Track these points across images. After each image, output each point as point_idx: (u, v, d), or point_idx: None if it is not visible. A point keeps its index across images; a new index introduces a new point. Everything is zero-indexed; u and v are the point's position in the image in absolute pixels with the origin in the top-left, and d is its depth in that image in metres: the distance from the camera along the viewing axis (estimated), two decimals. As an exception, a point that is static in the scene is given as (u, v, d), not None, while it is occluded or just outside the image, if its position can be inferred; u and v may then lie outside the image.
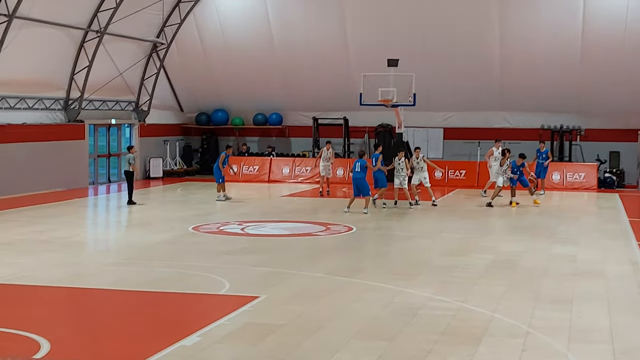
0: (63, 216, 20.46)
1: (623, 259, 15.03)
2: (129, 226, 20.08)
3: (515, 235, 18.05)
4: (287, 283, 12.63)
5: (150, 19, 29.44)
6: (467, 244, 16.64)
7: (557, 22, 28.44)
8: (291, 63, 31.51)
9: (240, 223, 19.26)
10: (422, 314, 10.73)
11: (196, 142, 34.75)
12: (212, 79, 32.98)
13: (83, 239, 17.68)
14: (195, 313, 10.87)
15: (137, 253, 15.41)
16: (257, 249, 15.76)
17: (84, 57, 26.96)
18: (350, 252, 15.71)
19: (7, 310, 10.94)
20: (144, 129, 31.45)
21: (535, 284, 12.65)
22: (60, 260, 14.35)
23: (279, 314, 10.67)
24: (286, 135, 33.97)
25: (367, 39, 30.07)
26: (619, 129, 30.29)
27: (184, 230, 18.02)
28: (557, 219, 20.78)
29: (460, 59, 29.67)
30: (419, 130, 31.86)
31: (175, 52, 31.89)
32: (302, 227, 18.85)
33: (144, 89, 31.35)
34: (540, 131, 30.58)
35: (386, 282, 12.55)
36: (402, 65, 27.38)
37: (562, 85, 29.65)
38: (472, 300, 11.46)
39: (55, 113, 26.98)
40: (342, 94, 31.12)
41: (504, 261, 14.66)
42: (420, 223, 20.32)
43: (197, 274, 13.24)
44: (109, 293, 12.04)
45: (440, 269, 13.86)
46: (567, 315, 10.74)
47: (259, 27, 30.92)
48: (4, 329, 9.76)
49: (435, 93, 30.57)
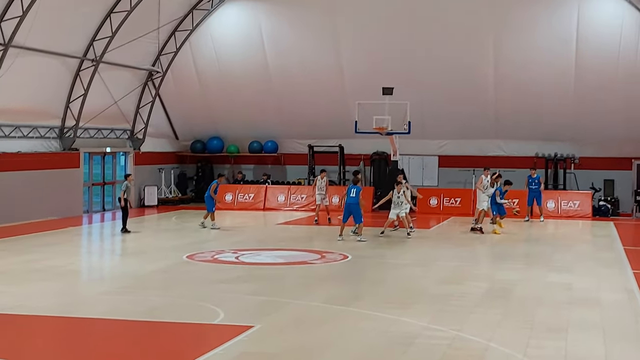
0: (57, 245, 20.38)
1: (618, 287, 15.01)
2: (123, 255, 20.01)
3: (511, 263, 18.03)
4: (282, 312, 12.57)
5: (146, 48, 29.59)
6: (462, 272, 16.61)
7: (550, 51, 28.64)
8: (286, 91, 31.65)
9: (235, 251, 19.20)
10: (418, 343, 10.69)
11: (191, 170, 34.75)
12: (208, 107, 33.08)
13: (77, 267, 17.59)
14: (189, 343, 10.80)
15: (132, 282, 15.34)
16: (252, 278, 15.70)
17: (79, 85, 27.05)
18: (345, 281, 15.67)
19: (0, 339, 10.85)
20: (139, 157, 31.46)
21: (530, 313, 12.62)
22: (54, 290, 14.27)
23: (274, 344, 10.61)
24: (282, 163, 34.02)
25: (362, 66, 30.24)
26: (613, 157, 30.41)
27: (178, 259, 17.96)
28: (552, 247, 20.77)
29: (455, 87, 29.85)
30: (414, 158, 31.97)
31: (171, 80, 32.02)
32: (298, 255, 18.80)
33: (139, 117, 31.42)
34: (535, 159, 30.70)
35: (382, 311, 12.51)
36: (397, 93, 27.51)
37: (556, 113, 29.81)
38: (467, 329, 11.42)
39: (50, 141, 27.00)
40: (337, 122, 31.23)
41: (500, 289, 14.63)
42: (415, 251, 20.28)
43: (192, 303, 13.18)
44: (103, 322, 11.96)
45: (435, 297, 13.82)
46: (562, 344, 10.70)
47: (254, 55, 31.09)
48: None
49: (430, 121, 30.71)
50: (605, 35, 27.93)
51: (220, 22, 30.95)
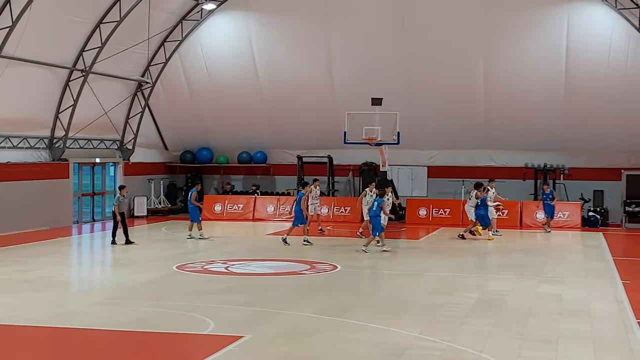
0: (47, 255, 20.28)
1: (608, 297, 15.05)
2: (114, 265, 19.92)
3: (502, 274, 18.05)
4: (272, 322, 12.54)
5: (136, 58, 29.56)
6: (453, 282, 16.62)
7: (540, 61, 28.73)
8: (276, 101, 31.66)
9: (225, 262, 19.16)
10: (409, 353, 10.67)
11: (181, 181, 34.70)
12: (197, 117, 33.06)
13: (67, 278, 17.52)
14: (180, 353, 10.75)
15: (122, 293, 15.28)
16: (242, 288, 15.66)
17: (68, 96, 26.98)
18: (336, 291, 15.64)
19: (-12, 351, 10.79)
20: (128, 167, 31.39)
21: (521, 323, 12.63)
22: (44, 300, 14.20)
23: (264, 354, 10.59)
24: (271, 174, 34.01)
25: (352, 77, 30.30)
26: (603, 167, 30.52)
27: (168, 270, 17.90)
28: (543, 258, 20.82)
29: (445, 97, 29.91)
30: (403, 169, 32.03)
31: (161, 90, 31.98)
32: (287, 265, 18.78)
33: (128, 127, 31.37)
34: (524, 170, 30.78)
35: (373, 322, 12.49)
36: (387, 104, 27.56)
37: (546, 124, 29.92)
38: (459, 339, 11.42)
39: (40, 152, 26.90)
40: (326, 132, 31.24)
41: (491, 300, 14.64)
42: (405, 262, 20.30)
43: (182, 313, 13.13)
44: (93, 333, 11.89)
45: (427, 308, 13.82)
46: (553, 355, 10.72)
47: (244, 66, 31.10)
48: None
49: (419, 131, 30.76)
50: (595, 45, 28.07)
51: (210, 32, 30.96)
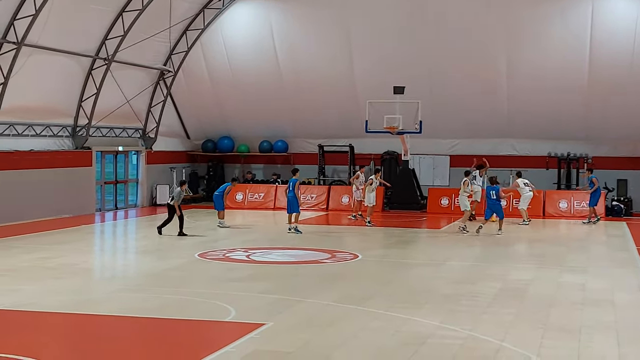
0: (70, 243, 20.44)
1: (632, 287, 14.93)
2: (136, 253, 20.04)
3: (524, 263, 17.95)
4: (293, 310, 12.55)
5: (158, 47, 29.64)
6: (474, 272, 16.55)
7: (563, 49, 28.50)
8: (297, 90, 31.63)
9: (246, 250, 19.22)
10: (430, 342, 10.64)
11: (202, 169, 34.80)
12: (219, 106, 33.12)
13: (90, 265, 17.64)
14: (201, 340, 10.80)
15: (144, 280, 15.38)
16: (263, 276, 15.70)
17: (91, 84, 27.12)
18: (356, 280, 15.63)
19: (12, 336, 10.88)
20: (150, 156, 31.53)
21: (544, 313, 12.55)
22: (67, 287, 14.31)
23: (285, 342, 10.60)
24: (292, 163, 33.98)
25: (373, 66, 30.19)
26: (626, 156, 30.24)
27: (190, 257, 17.99)
28: (565, 247, 20.67)
29: (467, 86, 29.74)
30: (425, 158, 31.89)
31: (182, 79, 32.06)
32: (308, 254, 18.79)
33: (151, 116, 31.48)
34: (548, 159, 30.54)
35: (393, 311, 12.47)
36: (409, 92, 27.45)
37: (570, 112, 29.67)
38: (480, 329, 11.37)
39: (63, 140, 27.08)
40: (347, 121, 31.19)
41: (512, 289, 14.56)
42: (426, 251, 20.25)
43: (204, 300, 13.18)
44: (116, 319, 11.99)
45: (447, 297, 13.76)
46: (575, 345, 10.64)
47: (265, 55, 31.09)
48: (10, 356, 9.70)
49: (441, 120, 30.58)
50: (619, 34, 27.79)
51: (231, 21, 30.97)
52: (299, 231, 22.45)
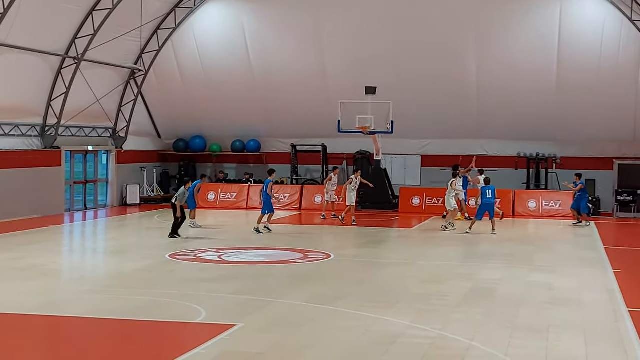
0: (39, 243, 20.25)
1: (599, 287, 15.11)
2: (106, 253, 19.90)
3: (493, 263, 18.10)
4: (264, 311, 12.55)
5: (128, 46, 29.45)
6: (444, 271, 16.66)
7: (532, 50, 28.73)
8: (269, 89, 31.60)
9: (217, 250, 19.17)
10: (401, 342, 10.71)
11: (174, 169, 34.62)
12: (190, 105, 32.97)
13: (59, 266, 17.48)
14: (171, 342, 10.77)
15: (114, 281, 15.28)
16: (234, 277, 15.67)
17: (61, 83, 26.87)
18: (328, 280, 15.67)
19: (-21, 339, 10.78)
20: (121, 155, 31.31)
21: (512, 312, 12.68)
22: (35, 288, 14.18)
23: (256, 343, 10.60)
24: (264, 162, 33.95)
25: (345, 66, 30.25)
26: (594, 157, 30.58)
27: (161, 258, 17.90)
28: (534, 247, 20.88)
29: (437, 87, 29.92)
30: (397, 158, 32.03)
31: (153, 78, 31.88)
32: (280, 254, 18.80)
33: (121, 115, 31.26)
34: (517, 159, 30.82)
35: (364, 310, 12.53)
36: (381, 93, 27.55)
37: (539, 113, 29.94)
38: (450, 328, 11.46)
39: (32, 139, 26.81)
40: (320, 121, 31.21)
41: (482, 289, 14.69)
42: (397, 250, 20.35)
43: (174, 302, 13.13)
44: (85, 321, 11.90)
45: (418, 296, 13.85)
46: (543, 344, 10.76)
47: (237, 54, 31.02)
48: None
49: (413, 121, 30.73)
50: (587, 35, 28.08)
51: (203, 20, 30.86)
52: (269, 229, 22.44)
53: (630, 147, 30.34)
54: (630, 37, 27.64)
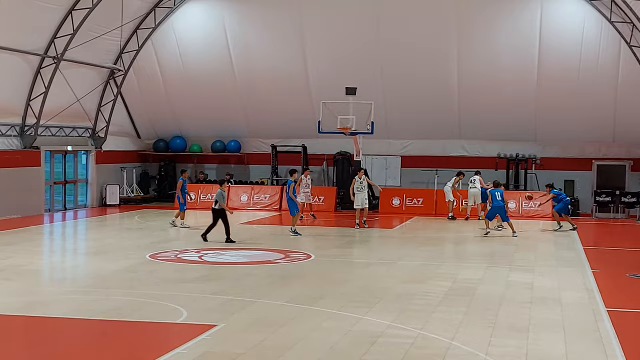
0: (18, 244, 20.09)
1: (578, 286, 15.23)
2: (86, 254, 19.76)
3: (473, 262, 18.19)
4: (245, 311, 12.54)
5: (108, 45, 29.30)
6: (425, 271, 16.72)
7: (513, 51, 28.86)
8: (250, 90, 31.55)
9: (198, 251, 19.12)
10: (381, 341, 10.74)
11: (154, 169, 34.49)
12: (171, 105, 32.87)
13: (38, 267, 17.36)
14: (152, 342, 10.73)
15: (94, 281, 15.20)
16: (215, 277, 15.65)
17: (40, 83, 26.69)
18: (309, 280, 15.68)
19: (-42, 340, 10.69)
20: (100, 155, 31.15)
21: (492, 312, 12.75)
22: (14, 289, 14.08)
23: (237, 343, 10.59)
24: (245, 163, 33.92)
25: (326, 66, 30.27)
26: (574, 157, 30.83)
27: (141, 258, 17.83)
28: (514, 247, 21.01)
29: (418, 88, 29.98)
30: (377, 158, 32.10)
31: (133, 78, 31.74)
32: (261, 254, 18.79)
33: (101, 115, 31.10)
34: (497, 159, 30.99)
35: (345, 310, 12.55)
36: (362, 94, 27.56)
37: (519, 114, 30.11)
38: (430, 327, 11.51)
39: (11, 139, 26.60)
40: (301, 122, 31.21)
41: (462, 288, 14.76)
42: (378, 250, 20.39)
43: (155, 302, 13.08)
44: (65, 322, 11.84)
45: (399, 296, 13.89)
46: (523, 343, 10.83)
47: (218, 54, 30.95)
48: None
49: (393, 121, 30.85)
50: (568, 36, 28.26)
51: (183, 20, 30.76)
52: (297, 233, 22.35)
53: (610, 148, 30.62)
54: (610, 39, 27.86)
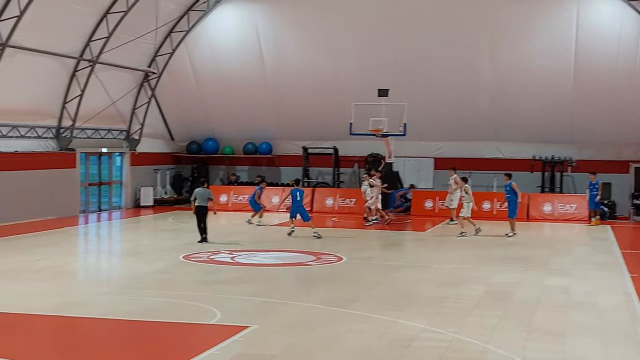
0: (54, 245, 20.31)
1: (616, 290, 15.01)
2: (121, 255, 19.95)
3: (508, 266, 18.00)
4: (278, 313, 12.53)
5: (142, 48, 29.54)
6: (459, 274, 16.58)
7: (549, 52, 28.57)
8: (282, 92, 31.60)
9: (230, 252, 19.17)
10: (416, 345, 10.66)
11: (187, 171, 34.69)
12: (203, 108, 33.04)
13: (74, 268, 17.54)
14: (186, 343, 10.76)
15: (128, 282, 15.30)
16: (248, 279, 15.66)
17: (76, 85, 26.98)
18: (342, 282, 15.62)
19: (-5, 340, 10.83)
20: (134, 157, 31.40)
21: (528, 316, 12.60)
22: (51, 290, 14.22)
23: (270, 345, 10.59)
24: (276, 165, 33.97)
25: (358, 68, 30.20)
26: (610, 160, 30.32)
27: (175, 260, 17.92)
28: (549, 250, 20.76)
29: (452, 88, 29.77)
30: (409, 160, 31.90)
31: (167, 81, 31.95)
32: (293, 256, 18.78)
33: (135, 117, 31.36)
34: (532, 162, 30.66)
35: (379, 313, 12.48)
36: (394, 95, 27.50)
37: (555, 116, 29.77)
38: (465, 331, 11.40)
39: (47, 141, 26.92)
40: (332, 123, 31.17)
41: (497, 292, 14.61)
42: (411, 253, 20.30)
43: (188, 303, 13.13)
44: (100, 322, 11.92)
45: (433, 299, 13.79)
46: (559, 348, 10.69)
47: (250, 57, 31.04)
48: (-8, 359, 9.64)
49: (426, 123, 30.63)
50: (605, 37, 27.88)
51: (216, 23, 30.91)
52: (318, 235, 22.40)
53: (647, 150, 30.15)
54: (648, 39, 27.47)
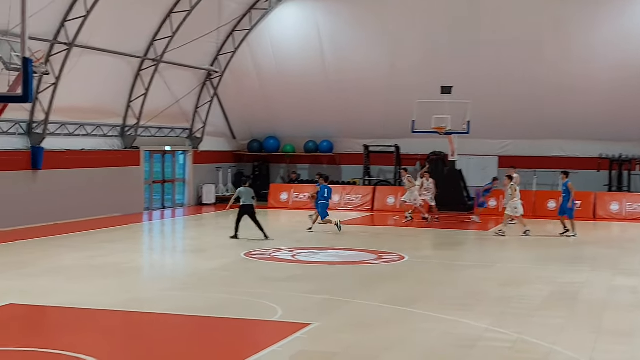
0: (119, 241, 20.67)
1: (687, 291, 14.55)
2: (184, 252, 20.19)
3: (574, 266, 17.62)
4: (340, 311, 12.49)
5: (205, 48, 29.83)
6: (523, 274, 16.29)
7: (615, 48, 27.94)
8: (343, 90, 31.55)
9: (291, 250, 19.21)
10: (480, 345, 10.49)
11: (248, 169, 34.94)
12: (265, 106, 33.23)
13: (139, 264, 17.81)
14: (248, 339, 10.81)
15: (191, 279, 15.46)
16: (309, 276, 15.67)
17: (140, 84, 27.41)
18: (404, 281, 15.50)
19: (65, 334, 11.03)
20: (197, 155, 31.77)
21: (596, 316, 12.30)
22: (116, 286, 14.44)
23: (332, 343, 10.54)
24: (337, 163, 33.94)
25: (420, 65, 29.98)
26: (681, 158, 29.49)
27: (236, 257, 18.05)
28: (618, 250, 20.26)
29: (516, 86, 29.35)
30: (473, 158, 31.48)
31: (229, 79, 32.21)
32: (354, 255, 18.71)
33: (197, 116, 31.71)
34: (599, 160, 29.96)
35: (442, 313, 12.33)
36: (457, 93, 27.19)
37: (622, 113, 29.05)
38: (530, 332, 11.17)
39: (113, 139, 27.41)
40: (393, 121, 31.00)
41: (563, 292, 14.31)
42: (474, 252, 20.04)
43: (250, 300, 13.20)
44: (164, 318, 12.05)
45: (497, 299, 13.57)
46: (629, 348, 10.41)
47: (311, 55, 31.09)
48: (63, 352, 9.81)
49: (490, 121, 30.14)
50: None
51: (278, 21, 31.05)
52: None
53: None
54: None
